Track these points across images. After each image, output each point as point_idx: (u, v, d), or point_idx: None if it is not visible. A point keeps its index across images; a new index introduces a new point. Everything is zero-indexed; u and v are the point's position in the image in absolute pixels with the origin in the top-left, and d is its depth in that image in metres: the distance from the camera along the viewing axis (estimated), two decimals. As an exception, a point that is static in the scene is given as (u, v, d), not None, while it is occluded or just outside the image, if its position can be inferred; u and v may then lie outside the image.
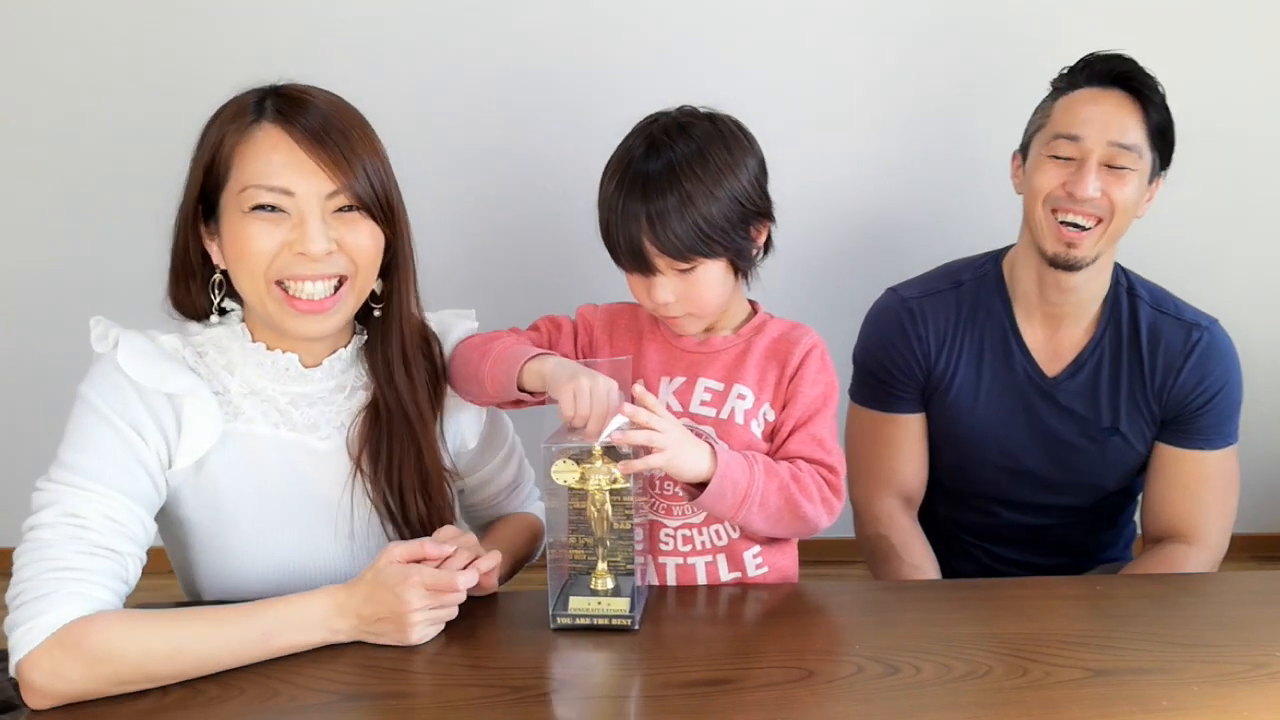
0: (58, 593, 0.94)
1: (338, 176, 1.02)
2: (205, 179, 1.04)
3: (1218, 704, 0.92)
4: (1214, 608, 1.14)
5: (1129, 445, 1.45)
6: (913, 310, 1.48)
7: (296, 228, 1.02)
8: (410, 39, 2.19)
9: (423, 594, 0.99)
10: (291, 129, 1.01)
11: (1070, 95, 1.39)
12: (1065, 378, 1.45)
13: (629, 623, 1.04)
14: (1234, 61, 2.19)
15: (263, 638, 0.98)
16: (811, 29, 2.20)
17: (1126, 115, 1.35)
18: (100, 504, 0.99)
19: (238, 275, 1.06)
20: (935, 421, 1.52)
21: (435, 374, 1.19)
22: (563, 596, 1.06)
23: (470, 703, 0.93)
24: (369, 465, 1.12)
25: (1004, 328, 1.47)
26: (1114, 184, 1.34)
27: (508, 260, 2.29)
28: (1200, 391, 1.41)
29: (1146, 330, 1.43)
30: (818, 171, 2.25)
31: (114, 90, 2.22)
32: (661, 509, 1.18)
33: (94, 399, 1.03)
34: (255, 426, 1.10)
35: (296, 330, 1.06)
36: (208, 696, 0.95)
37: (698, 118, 1.14)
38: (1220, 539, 1.44)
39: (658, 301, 1.13)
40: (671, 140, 1.10)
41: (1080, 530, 1.54)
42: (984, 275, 1.49)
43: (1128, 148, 1.34)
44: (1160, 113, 1.36)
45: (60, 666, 0.91)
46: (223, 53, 2.16)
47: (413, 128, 2.11)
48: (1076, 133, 1.36)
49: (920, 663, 0.99)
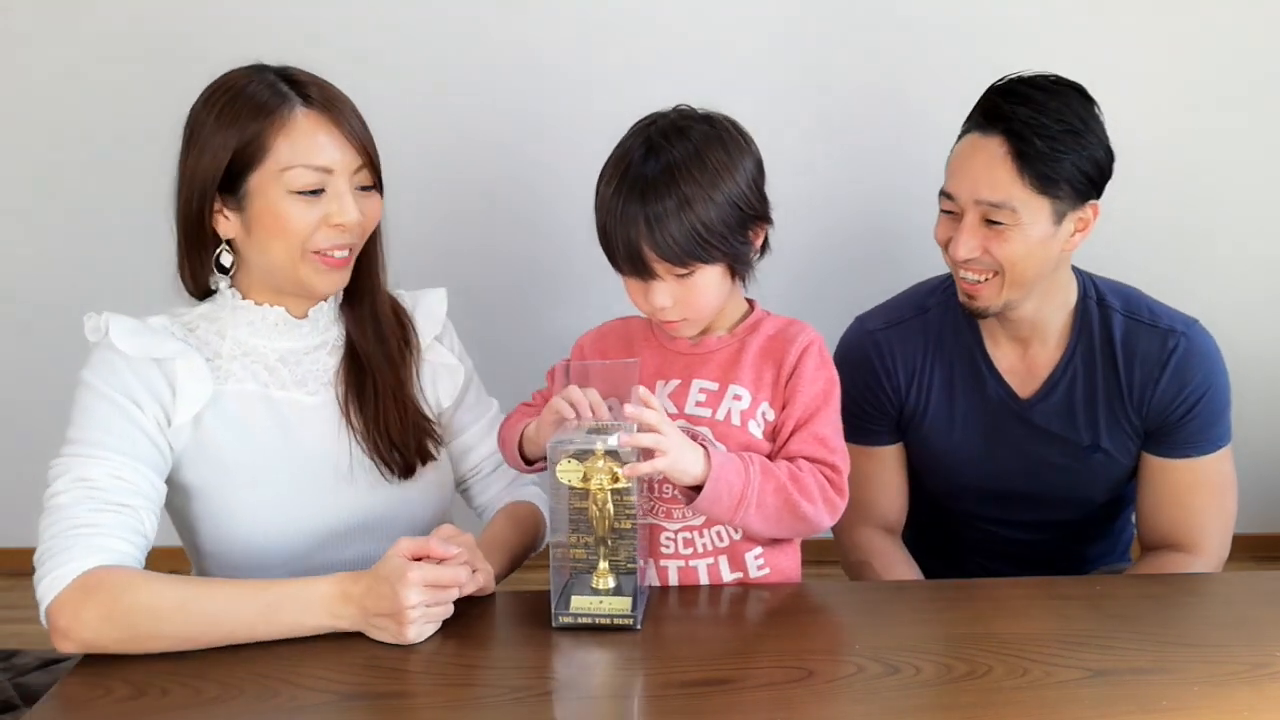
0: (76, 546, 1.02)
1: (363, 153, 1.14)
2: (234, 158, 1.10)
3: (1218, 704, 0.92)
4: (1214, 608, 1.14)
5: (1113, 460, 1.41)
6: (879, 343, 1.45)
7: (333, 201, 1.12)
8: (395, 33, 2.21)
9: (420, 592, 1.00)
10: (329, 113, 1.12)
11: (960, 142, 1.33)
12: (1039, 399, 1.40)
13: (631, 622, 1.04)
14: (1211, 55, 2.19)
15: (266, 609, 1.01)
16: (808, 30, 2.20)
17: (996, 169, 1.25)
18: (107, 466, 1.06)
19: (268, 246, 1.13)
20: (914, 451, 1.48)
21: (403, 332, 1.28)
22: (565, 595, 1.06)
23: (470, 703, 0.94)
24: (356, 413, 1.21)
25: (973, 353, 1.42)
26: (994, 241, 1.27)
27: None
28: (1181, 400, 1.35)
29: (1120, 341, 1.37)
30: (817, 173, 2.26)
31: (101, 90, 2.23)
32: (661, 512, 1.18)
33: (91, 380, 1.11)
34: (246, 386, 1.17)
35: (321, 286, 1.16)
36: (208, 696, 0.95)
37: (695, 119, 1.13)
38: (1220, 545, 1.40)
39: (655, 306, 1.13)
40: (669, 142, 1.09)
41: (1074, 542, 1.52)
42: (949, 299, 1.43)
43: (997, 205, 1.25)
44: (1052, 160, 1.24)
45: (81, 609, 1.00)
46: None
47: (395, 112, 2.12)
48: (950, 189, 1.31)
49: (920, 663, 0.99)
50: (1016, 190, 1.25)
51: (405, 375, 1.26)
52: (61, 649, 1.01)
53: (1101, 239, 1.39)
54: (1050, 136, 1.24)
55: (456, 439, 1.34)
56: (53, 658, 2.16)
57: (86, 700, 0.95)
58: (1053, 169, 1.24)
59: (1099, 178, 1.30)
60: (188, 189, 1.13)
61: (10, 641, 2.28)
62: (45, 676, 2.08)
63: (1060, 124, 1.25)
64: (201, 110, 1.13)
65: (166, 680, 0.98)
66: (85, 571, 1.01)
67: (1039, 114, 1.25)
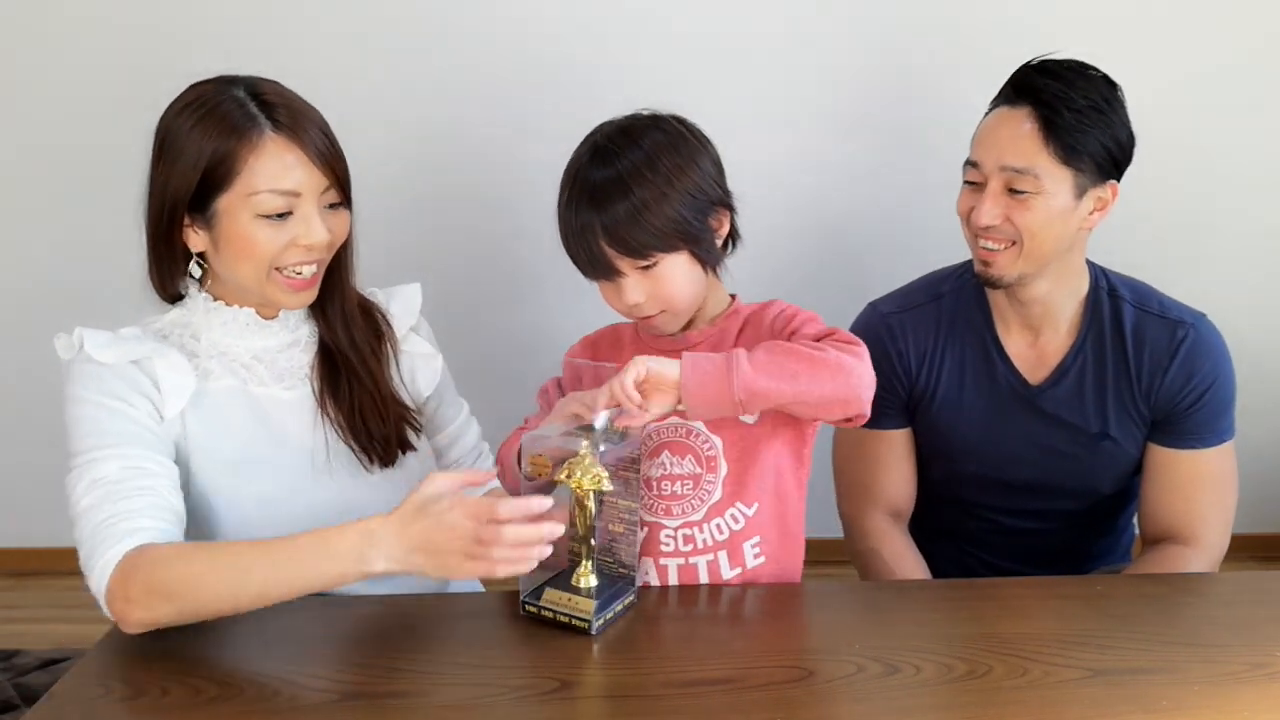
0: (109, 538, 1.03)
1: (329, 173, 1.14)
2: (203, 179, 1.10)
3: (1218, 704, 0.92)
4: (1214, 608, 1.14)
5: (1120, 448, 1.43)
6: (892, 326, 1.47)
7: (301, 223, 1.13)
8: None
9: (471, 523, 0.97)
10: (296, 137, 1.11)
11: (988, 115, 1.37)
12: (1049, 385, 1.43)
13: (586, 625, 1.04)
14: (1218, 52, 2.19)
15: (294, 563, 1.00)
16: (791, 30, 2.20)
17: (1023, 137, 1.30)
18: (116, 462, 1.08)
19: (236, 265, 1.14)
20: (922, 435, 1.51)
21: (376, 327, 1.30)
22: (542, 585, 1.07)
23: (470, 703, 0.94)
24: (333, 407, 1.23)
25: (984, 339, 1.45)
26: (1016, 209, 1.31)
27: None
28: (1189, 390, 1.39)
29: (1130, 331, 1.40)
30: (801, 172, 2.26)
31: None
32: (660, 509, 1.18)
33: (77, 393, 1.12)
34: (225, 382, 1.19)
35: (288, 304, 1.19)
36: (207, 696, 0.95)
37: (643, 123, 1.14)
38: (1219, 538, 1.42)
39: (629, 304, 1.14)
40: (618, 148, 1.11)
41: (1077, 535, 1.53)
42: (963, 285, 1.47)
43: (1021, 172, 1.29)
44: (1079, 132, 1.28)
45: (128, 592, 1.01)
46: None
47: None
48: (975, 158, 1.35)
49: (920, 663, 0.99)
50: (1041, 159, 1.29)
51: (380, 368, 1.28)
52: (130, 632, 1.03)
53: (1110, 234, 1.40)
54: (1077, 110, 1.28)
55: (439, 433, 1.37)
56: (53, 658, 2.16)
57: (86, 700, 0.95)
58: (1078, 141, 1.29)
59: (1120, 158, 1.33)
60: (158, 202, 1.13)
61: (10, 641, 2.28)
62: (45, 676, 2.09)
63: (1087, 100, 1.29)
64: (172, 123, 1.12)
65: (166, 680, 0.98)
66: (123, 556, 1.02)
67: (1068, 89, 1.29)
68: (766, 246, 2.21)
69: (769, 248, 2.23)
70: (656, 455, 1.19)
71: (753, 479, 1.17)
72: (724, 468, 1.17)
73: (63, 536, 1.89)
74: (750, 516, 1.17)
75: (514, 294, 2.32)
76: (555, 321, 1.96)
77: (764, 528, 1.18)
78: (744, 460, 1.17)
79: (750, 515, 1.17)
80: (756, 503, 1.17)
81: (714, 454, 1.17)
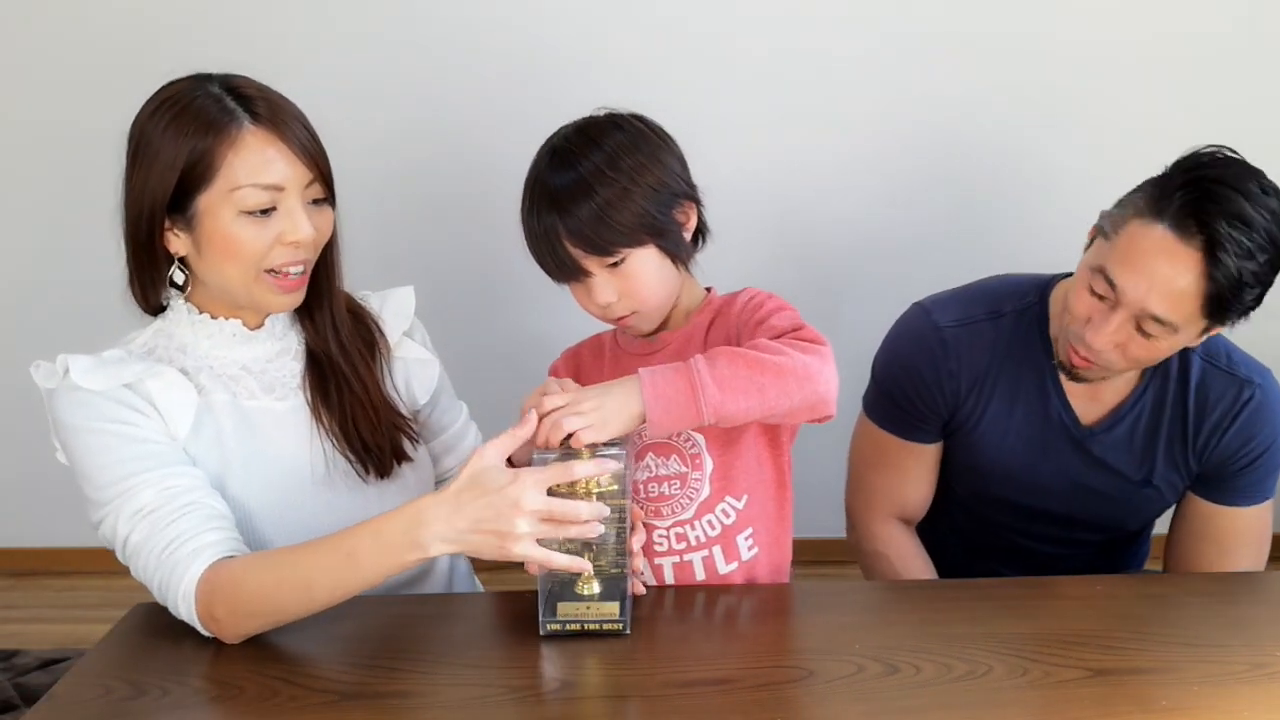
0: (175, 566, 1.02)
1: (313, 167, 1.10)
2: (182, 178, 1.06)
3: (1218, 704, 0.92)
4: (1214, 608, 1.14)
5: (1159, 496, 1.39)
6: (946, 341, 1.36)
7: (285, 218, 1.08)
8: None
9: (538, 495, 0.95)
10: (277, 130, 1.07)
11: (1143, 225, 1.17)
12: (1103, 430, 1.35)
13: (620, 627, 1.04)
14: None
15: (349, 559, 0.99)
16: (799, 32, 2.21)
17: (1182, 290, 1.14)
18: (146, 490, 1.05)
19: (221, 267, 1.10)
20: (955, 452, 1.43)
21: (368, 333, 1.26)
22: (550, 602, 1.06)
23: (470, 703, 0.94)
24: (326, 414, 1.19)
25: (1043, 371, 1.35)
26: (1135, 344, 1.21)
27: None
28: (1245, 453, 1.33)
29: (1195, 385, 1.32)
30: (790, 172, 2.26)
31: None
32: (650, 511, 1.18)
33: (74, 424, 1.08)
34: (216, 397, 1.14)
35: (276, 306, 1.14)
36: (208, 696, 0.95)
37: (601, 123, 1.13)
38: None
39: (601, 305, 1.13)
40: (578, 150, 1.10)
41: (1096, 559, 1.50)
42: (1027, 308, 1.36)
43: (1162, 323, 1.17)
44: (1240, 291, 1.14)
45: (214, 613, 1.01)
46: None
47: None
48: (1118, 281, 1.18)
49: (920, 663, 0.99)
50: (1187, 311, 1.16)
51: (372, 376, 1.23)
52: (235, 643, 1.04)
53: None
54: (1253, 268, 1.13)
55: (436, 439, 1.33)
56: (53, 658, 2.16)
57: (86, 700, 0.95)
58: (1238, 300, 1.16)
59: (1244, 313, 1.21)
60: (136, 207, 1.09)
61: (10, 641, 2.28)
62: (45, 676, 2.09)
63: (1264, 249, 1.14)
64: (146, 125, 1.08)
65: (166, 680, 0.98)
66: (197, 582, 1.01)
67: (1248, 233, 1.12)
68: (753, 245, 2.23)
69: (755, 246, 2.24)
70: (642, 458, 1.18)
71: (739, 471, 1.17)
72: (709, 463, 1.17)
73: (63, 537, 1.90)
74: (740, 509, 1.17)
75: (508, 296, 2.32)
76: (548, 324, 1.96)
77: (755, 519, 1.18)
78: (728, 454, 1.17)
79: (740, 508, 1.17)
80: (746, 494, 1.17)
81: (697, 451, 1.17)
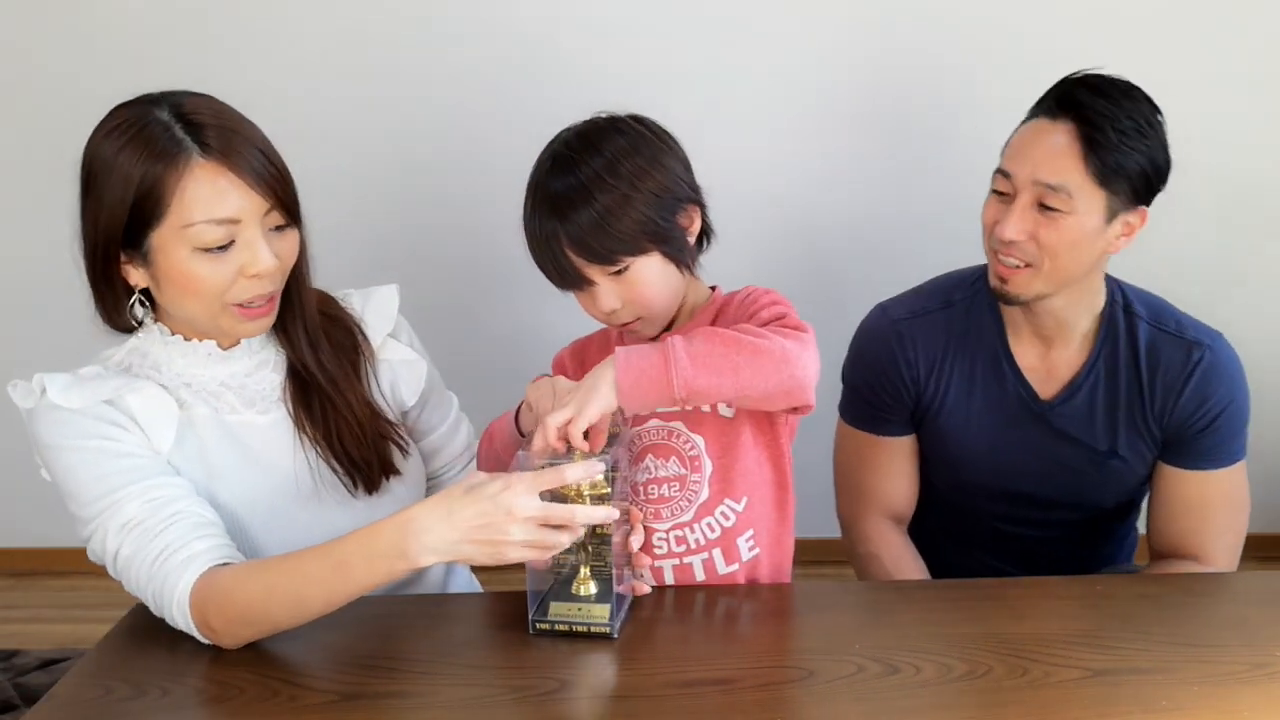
0: (168, 576, 1.01)
1: (270, 194, 1.04)
2: (131, 215, 1.02)
3: (1218, 704, 0.92)
4: (1214, 608, 1.14)
5: (1128, 467, 1.41)
6: (901, 333, 1.44)
7: (245, 250, 1.04)
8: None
9: (533, 502, 0.94)
10: (228, 160, 1.02)
11: (1024, 125, 1.33)
12: (1060, 401, 1.40)
13: (608, 631, 1.03)
14: (1239, 67, 2.18)
15: (338, 569, 0.98)
16: (788, 27, 2.21)
17: (1062, 152, 1.25)
18: (131, 503, 1.04)
19: (183, 303, 1.07)
20: (927, 443, 1.48)
21: (350, 339, 1.22)
22: (544, 602, 1.06)
23: (470, 703, 0.94)
24: (309, 426, 1.16)
25: (996, 350, 1.41)
26: (1044, 226, 1.27)
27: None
28: (1203, 413, 1.35)
29: (1145, 350, 1.37)
30: (790, 171, 2.26)
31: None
32: (650, 513, 1.18)
33: (55, 442, 1.06)
34: (198, 411, 1.12)
35: (245, 334, 1.12)
36: (207, 696, 0.95)
37: (602, 127, 1.12)
38: (1228, 558, 1.40)
39: (605, 311, 1.13)
40: (578, 155, 1.09)
41: (1080, 542, 1.52)
42: (976, 294, 1.43)
43: (1055, 188, 1.25)
44: (1119, 152, 1.25)
45: (210, 625, 1.01)
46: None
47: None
48: (1008, 168, 1.30)
49: (920, 663, 0.99)
50: (1078, 177, 1.25)
51: (355, 386, 1.20)
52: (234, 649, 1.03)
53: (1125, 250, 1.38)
54: (1120, 130, 1.25)
55: (425, 439, 1.31)
56: (52, 658, 2.17)
57: (86, 700, 0.96)
58: (1117, 161, 1.25)
59: (1156, 183, 1.30)
60: (90, 240, 1.05)
61: (10, 641, 2.28)
62: (45, 676, 2.09)
63: (1131, 121, 1.26)
64: (94, 155, 1.03)
65: (166, 680, 0.98)
66: (190, 591, 1.00)
67: (1114, 107, 1.26)
68: (757, 246, 2.23)
69: (760, 246, 2.24)
70: (641, 460, 1.18)
71: (738, 474, 1.17)
72: (708, 466, 1.17)
73: (63, 537, 1.89)
74: (740, 511, 1.17)
75: (505, 292, 2.32)
76: (546, 319, 1.96)
77: (755, 520, 1.18)
78: (727, 456, 1.17)
79: (740, 510, 1.17)
80: (745, 497, 1.17)
81: (697, 453, 1.17)
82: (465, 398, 1.41)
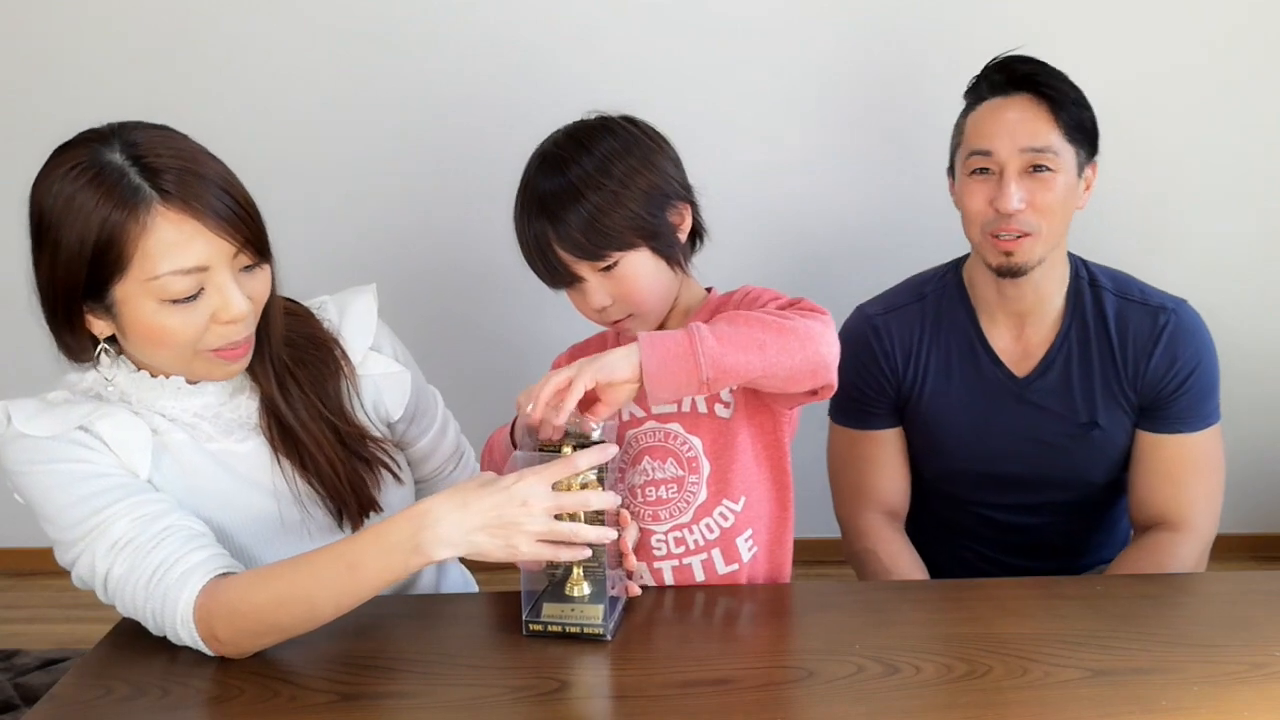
0: (167, 591, 0.98)
1: (237, 237, 0.98)
2: (91, 269, 0.95)
3: (1218, 704, 0.92)
4: (1214, 608, 1.14)
5: (1109, 437, 1.45)
6: (877, 327, 1.49)
7: (215, 295, 0.98)
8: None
9: (546, 491, 0.94)
10: (190, 206, 0.95)
11: (978, 109, 1.39)
12: (1036, 377, 1.44)
13: (600, 632, 1.03)
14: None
15: (349, 570, 0.97)
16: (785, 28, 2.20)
17: (1035, 119, 1.34)
18: (119, 521, 1.00)
19: (153, 353, 1.02)
20: (913, 434, 1.52)
21: (327, 353, 1.16)
22: (538, 602, 1.06)
23: (470, 703, 0.94)
24: (287, 452, 1.11)
25: (969, 335, 1.47)
26: (1038, 190, 1.34)
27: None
28: (1174, 374, 1.40)
29: (1113, 319, 1.42)
30: (787, 173, 2.25)
31: None
32: (648, 515, 1.17)
33: (25, 469, 1.02)
34: (176, 437, 1.08)
35: (222, 375, 1.07)
36: (208, 696, 0.95)
37: (592, 127, 1.12)
38: (1208, 523, 1.43)
39: (596, 308, 1.13)
40: (568, 155, 1.09)
41: (1071, 527, 1.54)
42: (946, 285, 1.50)
43: (1042, 150, 1.33)
44: (1073, 108, 1.35)
45: (217, 637, 0.98)
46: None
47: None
48: (988, 146, 1.35)
49: (920, 663, 0.99)
50: (1055, 136, 1.33)
51: (332, 411, 1.14)
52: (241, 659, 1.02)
53: (1076, 223, 1.41)
54: (1067, 93, 1.35)
55: (414, 446, 1.28)
56: (53, 658, 2.17)
57: (86, 700, 0.96)
58: (1076, 118, 1.35)
59: (1095, 138, 1.40)
60: (48, 294, 0.99)
61: (10, 641, 2.28)
62: (45, 676, 2.09)
63: (1069, 86, 1.36)
64: (45, 204, 0.96)
65: (166, 680, 0.98)
66: (193, 605, 0.98)
67: (1054, 77, 1.36)
68: (751, 247, 2.23)
69: (754, 247, 2.24)
70: (638, 462, 1.18)
71: (736, 474, 1.16)
72: (706, 467, 1.17)
73: (63, 537, 1.82)
74: (739, 512, 1.17)
75: (500, 296, 2.32)
76: (543, 324, 1.96)
77: (754, 520, 1.18)
78: (725, 457, 1.17)
79: (739, 511, 1.17)
80: (743, 497, 1.17)
81: (694, 455, 1.17)
82: (459, 405, 1.41)
